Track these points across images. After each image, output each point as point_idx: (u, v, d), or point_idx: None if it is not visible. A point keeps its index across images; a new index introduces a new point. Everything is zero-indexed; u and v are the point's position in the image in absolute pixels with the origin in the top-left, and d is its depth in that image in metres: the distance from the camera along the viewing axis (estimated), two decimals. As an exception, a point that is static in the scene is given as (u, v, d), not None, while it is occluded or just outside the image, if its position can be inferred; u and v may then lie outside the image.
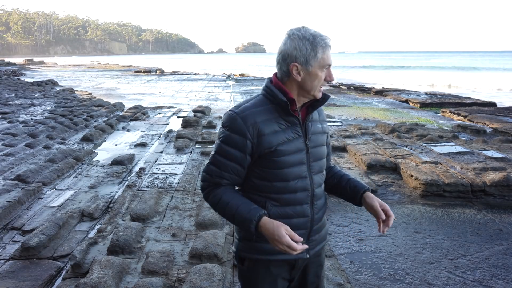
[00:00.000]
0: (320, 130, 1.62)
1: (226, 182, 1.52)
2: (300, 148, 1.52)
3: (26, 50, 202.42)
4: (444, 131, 8.30)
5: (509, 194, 4.66)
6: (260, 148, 1.46)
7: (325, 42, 1.45)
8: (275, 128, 1.47)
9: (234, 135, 1.46)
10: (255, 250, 1.56)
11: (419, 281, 3.04)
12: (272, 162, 1.48)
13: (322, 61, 1.45)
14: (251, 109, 1.48)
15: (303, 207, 1.55)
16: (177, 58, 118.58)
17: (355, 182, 1.69)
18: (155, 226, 3.79)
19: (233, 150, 1.47)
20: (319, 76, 1.47)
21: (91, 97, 15.80)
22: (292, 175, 1.51)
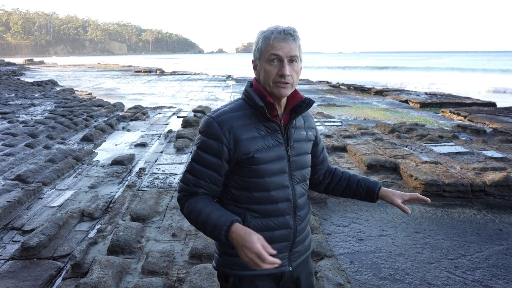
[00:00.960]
0: (303, 138, 1.52)
1: (203, 191, 1.42)
2: (281, 156, 1.43)
3: (26, 50, 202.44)
4: (444, 131, 8.30)
5: (509, 194, 4.66)
6: (237, 154, 1.37)
7: (270, 31, 1.36)
8: (254, 134, 1.39)
9: (210, 140, 1.38)
10: (236, 266, 1.45)
11: (419, 281, 3.04)
12: (251, 171, 1.39)
13: (266, 52, 1.36)
14: (228, 113, 1.40)
15: (285, 218, 1.46)
16: (177, 58, 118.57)
17: (366, 182, 1.65)
18: (155, 226, 3.79)
19: (209, 157, 1.39)
20: (266, 69, 1.37)
21: (91, 97, 15.80)
22: (273, 185, 1.42)
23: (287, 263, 1.51)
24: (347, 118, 10.82)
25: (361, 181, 1.66)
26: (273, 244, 1.42)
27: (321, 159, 1.67)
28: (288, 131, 1.45)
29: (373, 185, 1.63)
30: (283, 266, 1.49)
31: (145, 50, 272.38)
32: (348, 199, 4.69)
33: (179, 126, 9.16)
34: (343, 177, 1.69)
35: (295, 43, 1.37)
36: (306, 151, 1.54)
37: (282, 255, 1.48)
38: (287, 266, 1.51)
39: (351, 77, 31.04)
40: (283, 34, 1.35)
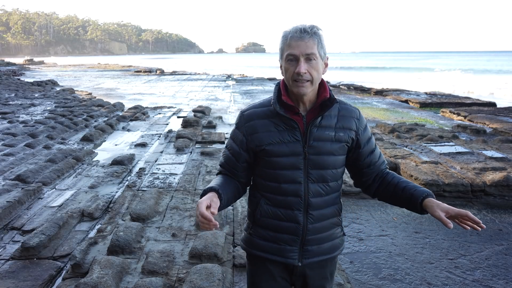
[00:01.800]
0: (328, 138, 1.49)
1: (225, 172, 1.61)
2: (296, 152, 1.47)
3: (26, 50, 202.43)
4: (444, 131, 8.30)
5: (509, 194, 4.66)
6: (252, 145, 1.51)
7: (289, 31, 1.42)
8: (270, 128, 1.48)
9: (236, 130, 1.57)
10: (250, 244, 1.61)
11: (419, 281, 3.04)
12: (265, 162, 1.51)
13: (284, 51, 1.43)
14: (254, 108, 1.55)
15: (294, 213, 1.50)
16: (177, 58, 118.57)
17: (411, 190, 1.49)
18: (155, 226, 3.79)
19: (232, 144, 1.58)
20: (285, 68, 1.44)
21: (91, 97, 15.80)
22: (284, 178, 1.49)
23: (297, 257, 1.53)
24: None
25: (407, 188, 1.51)
26: (280, 233, 1.53)
27: (367, 163, 1.59)
28: (309, 129, 1.47)
29: (417, 194, 1.47)
30: (292, 259, 1.53)
31: (145, 50, 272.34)
32: (348, 199, 4.69)
33: (179, 126, 9.16)
34: (391, 182, 1.58)
35: (313, 40, 1.39)
36: (331, 152, 1.50)
37: (290, 247, 1.53)
38: (296, 260, 1.53)
39: (349, 78, 30.98)
40: (299, 33, 1.38)
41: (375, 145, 1.63)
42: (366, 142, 1.58)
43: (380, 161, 1.63)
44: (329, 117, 1.50)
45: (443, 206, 1.41)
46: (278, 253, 1.54)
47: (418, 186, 1.52)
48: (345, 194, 4.82)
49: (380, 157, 1.63)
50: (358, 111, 1.58)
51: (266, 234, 1.55)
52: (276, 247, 1.54)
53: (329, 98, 1.48)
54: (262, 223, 1.56)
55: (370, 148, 1.59)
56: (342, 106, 1.55)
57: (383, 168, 1.64)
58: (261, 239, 1.57)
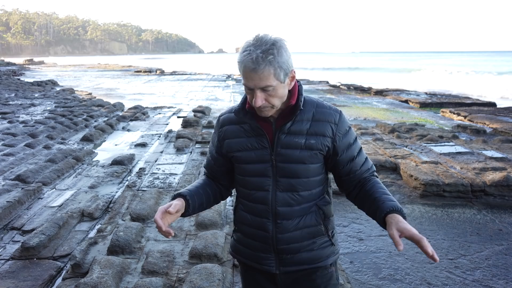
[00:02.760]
0: (298, 145, 1.39)
1: (207, 174, 1.63)
2: (263, 159, 1.42)
3: (26, 50, 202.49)
4: (444, 131, 8.30)
5: (509, 194, 4.66)
6: (224, 150, 1.52)
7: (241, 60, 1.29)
8: (239, 134, 1.47)
9: (214, 134, 1.60)
10: (234, 250, 1.61)
11: (419, 281, 3.04)
12: (236, 168, 1.52)
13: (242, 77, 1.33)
14: (228, 112, 1.54)
15: (263, 221, 1.45)
16: (177, 58, 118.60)
17: (379, 202, 1.36)
18: (155, 226, 3.78)
19: (211, 148, 1.60)
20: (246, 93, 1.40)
21: (91, 97, 15.80)
22: (251, 185, 1.47)
23: (274, 265, 1.48)
24: (347, 118, 10.79)
25: (376, 200, 1.38)
26: (254, 240, 1.51)
27: (347, 171, 1.47)
28: (276, 136, 1.40)
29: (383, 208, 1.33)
30: (269, 266, 1.49)
31: (145, 50, 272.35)
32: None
33: (179, 126, 9.16)
34: (367, 191, 1.44)
35: (268, 69, 1.27)
36: (300, 160, 1.40)
37: (265, 255, 1.50)
38: (274, 268, 1.49)
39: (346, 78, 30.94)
40: (251, 63, 1.26)
41: (358, 151, 1.48)
42: (345, 149, 1.44)
43: (363, 169, 1.48)
44: (300, 123, 1.39)
45: (400, 225, 1.23)
46: (256, 260, 1.51)
47: (389, 199, 1.36)
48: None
49: (364, 165, 1.49)
50: (339, 115, 1.44)
51: (243, 240, 1.54)
52: (253, 254, 1.52)
53: (294, 105, 1.39)
54: (240, 229, 1.56)
55: (350, 156, 1.46)
56: (318, 110, 1.42)
57: (366, 176, 1.49)
58: (241, 245, 1.56)
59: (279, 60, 1.28)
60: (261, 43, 1.27)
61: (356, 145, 1.49)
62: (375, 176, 1.52)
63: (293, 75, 1.37)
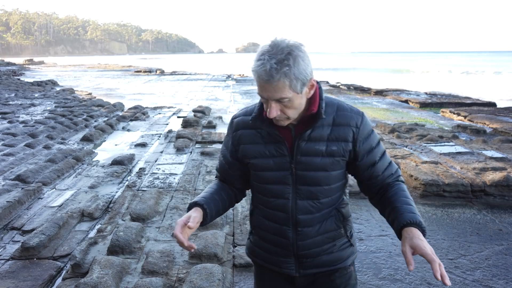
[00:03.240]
0: (318, 152, 1.34)
1: (221, 177, 1.57)
2: (283, 167, 1.37)
3: (26, 50, 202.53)
4: (444, 131, 8.30)
5: (509, 194, 4.66)
6: (240, 155, 1.45)
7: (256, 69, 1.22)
8: (256, 140, 1.39)
9: (227, 137, 1.52)
10: (251, 252, 1.58)
11: (419, 281, 3.04)
12: (253, 175, 1.45)
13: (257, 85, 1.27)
14: (242, 115, 1.45)
15: (283, 228, 1.42)
16: (177, 58, 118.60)
17: (398, 213, 1.31)
18: (155, 226, 3.79)
19: (225, 150, 1.52)
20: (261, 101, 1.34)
21: (91, 97, 15.80)
22: (270, 193, 1.41)
23: (294, 268, 1.46)
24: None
25: (396, 209, 1.33)
26: (273, 246, 1.47)
27: (367, 176, 1.42)
28: (296, 143, 1.34)
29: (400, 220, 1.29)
30: (289, 270, 1.46)
31: (145, 50, 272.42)
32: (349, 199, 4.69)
33: (179, 126, 9.16)
34: (387, 198, 1.40)
35: (282, 81, 1.20)
36: (322, 168, 1.35)
37: (285, 259, 1.46)
38: (293, 271, 1.46)
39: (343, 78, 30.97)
40: (264, 75, 1.20)
41: (381, 156, 1.42)
42: (366, 153, 1.39)
43: (385, 174, 1.42)
44: (321, 128, 1.34)
45: (414, 241, 1.20)
46: (275, 263, 1.49)
47: (409, 210, 1.31)
48: (345, 194, 4.82)
49: (387, 170, 1.43)
50: (361, 118, 1.37)
51: (262, 244, 1.51)
52: (272, 258, 1.49)
53: (315, 113, 1.32)
54: (258, 233, 1.52)
55: (371, 160, 1.40)
56: (339, 113, 1.36)
57: (389, 181, 1.43)
58: (259, 248, 1.53)
59: (295, 71, 1.20)
60: (276, 51, 1.19)
61: (379, 149, 1.42)
62: (400, 181, 1.45)
63: (312, 83, 1.29)
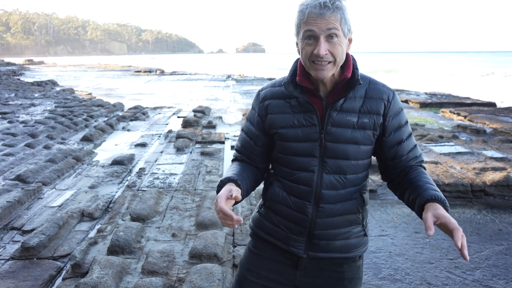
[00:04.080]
0: (350, 124, 1.30)
1: (241, 158, 1.49)
2: (311, 138, 1.32)
3: (26, 50, 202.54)
4: (444, 131, 8.30)
5: (509, 194, 4.66)
6: (266, 126, 1.40)
7: (306, 4, 1.21)
8: (285, 110, 1.35)
9: (252, 110, 1.47)
10: (258, 225, 1.51)
11: (419, 281, 3.04)
12: (278, 145, 1.39)
13: (301, 28, 1.23)
14: (270, 87, 1.43)
15: (303, 203, 1.36)
16: (177, 58, 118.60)
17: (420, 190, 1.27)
18: (155, 226, 3.79)
19: (249, 125, 1.47)
20: (302, 48, 1.26)
21: (91, 97, 15.80)
22: (295, 165, 1.35)
23: (303, 248, 1.40)
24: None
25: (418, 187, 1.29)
26: (287, 221, 1.42)
27: (392, 154, 1.38)
28: (327, 113, 1.30)
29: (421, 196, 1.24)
30: (297, 249, 1.40)
31: (145, 50, 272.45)
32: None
33: (179, 126, 9.16)
34: (409, 178, 1.36)
35: (335, 15, 1.19)
36: (352, 140, 1.31)
37: (296, 237, 1.40)
38: (302, 251, 1.40)
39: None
40: (318, 8, 1.18)
41: (408, 136, 1.39)
42: (395, 130, 1.35)
43: (410, 155, 1.39)
44: (353, 99, 1.31)
45: (438, 211, 1.15)
46: (283, 240, 1.42)
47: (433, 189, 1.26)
48: (345, 194, 4.82)
49: (412, 152, 1.39)
50: (392, 93, 1.35)
51: (274, 217, 1.44)
52: (282, 233, 1.42)
53: (350, 79, 1.29)
54: (271, 206, 1.45)
55: (398, 138, 1.37)
56: (371, 86, 1.34)
57: (412, 164, 1.40)
58: (268, 222, 1.46)
59: (345, 12, 1.22)
60: None
61: (407, 128, 1.40)
62: (423, 166, 1.43)
63: (351, 37, 1.29)
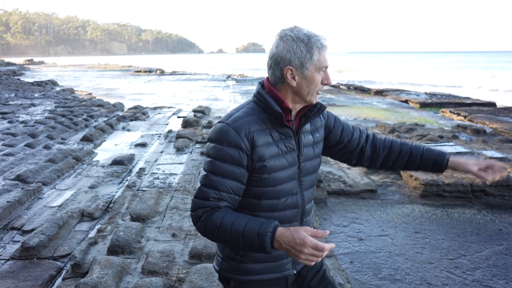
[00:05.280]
0: (311, 142, 1.48)
1: (226, 204, 1.32)
2: (293, 162, 1.40)
3: (26, 50, 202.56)
4: (444, 131, 8.30)
5: (509, 194, 4.66)
6: (253, 161, 1.32)
7: (321, 43, 1.33)
8: (268, 140, 1.34)
9: (228, 148, 1.30)
10: (239, 271, 1.44)
11: (419, 281, 3.04)
12: (263, 180, 1.35)
13: (319, 63, 1.33)
14: (243, 118, 1.33)
15: (292, 225, 1.42)
16: (177, 58, 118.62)
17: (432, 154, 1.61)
18: (155, 226, 3.79)
19: (229, 166, 1.30)
20: (316, 79, 1.34)
21: (91, 97, 15.80)
22: (283, 192, 1.39)
23: (291, 267, 1.48)
24: (347, 118, 10.82)
25: (426, 154, 1.61)
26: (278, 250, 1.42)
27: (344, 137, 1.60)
28: (299, 137, 1.43)
29: (440, 158, 1.60)
30: (288, 270, 1.48)
31: (145, 50, 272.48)
32: (348, 199, 4.69)
33: (179, 126, 9.16)
34: (402, 150, 1.62)
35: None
36: (316, 155, 1.50)
37: (286, 260, 1.46)
38: (291, 269, 1.49)
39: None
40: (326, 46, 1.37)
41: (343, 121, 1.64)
42: (334, 122, 1.59)
43: (356, 128, 1.64)
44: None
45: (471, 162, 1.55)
46: (274, 270, 1.45)
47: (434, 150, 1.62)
48: (345, 194, 4.82)
49: (356, 127, 1.64)
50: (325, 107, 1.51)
51: (259, 256, 1.41)
52: (274, 265, 1.45)
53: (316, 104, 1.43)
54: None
55: (340, 124, 1.60)
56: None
57: (369, 134, 1.65)
58: (255, 263, 1.43)
59: None
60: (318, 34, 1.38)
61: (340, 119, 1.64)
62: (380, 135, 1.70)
63: None
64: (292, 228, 1.20)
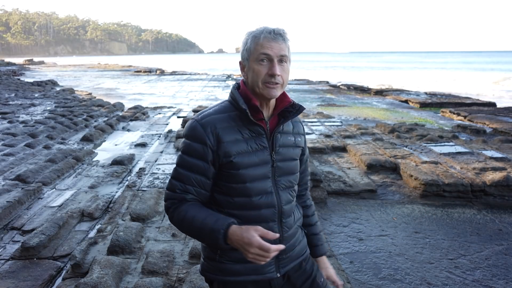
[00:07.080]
0: (291, 143, 1.47)
1: (192, 197, 1.37)
2: (264, 160, 1.39)
3: (26, 50, 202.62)
4: (444, 131, 8.30)
5: (509, 194, 4.66)
6: (219, 156, 1.34)
7: (260, 31, 1.33)
8: (236, 137, 1.35)
9: (194, 143, 1.35)
10: (219, 271, 1.44)
11: (419, 281, 3.04)
12: (232, 176, 1.36)
13: (255, 51, 1.33)
14: (211, 115, 1.37)
15: (270, 225, 1.40)
16: (177, 58, 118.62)
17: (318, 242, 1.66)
18: (155, 226, 3.79)
19: (195, 160, 1.35)
20: (255, 69, 1.33)
21: (91, 97, 15.80)
22: (255, 191, 1.38)
23: (274, 270, 1.45)
24: (347, 118, 10.82)
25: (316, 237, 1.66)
26: None
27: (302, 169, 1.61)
28: (274, 136, 1.41)
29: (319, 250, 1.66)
30: (270, 273, 1.45)
31: (145, 50, 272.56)
32: (348, 199, 4.70)
33: (179, 126, 9.16)
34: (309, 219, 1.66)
35: (285, 43, 1.35)
36: (293, 157, 1.49)
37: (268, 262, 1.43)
38: (274, 272, 1.45)
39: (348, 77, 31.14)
40: (273, 34, 1.33)
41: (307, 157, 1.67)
42: (306, 148, 1.60)
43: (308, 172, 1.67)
44: (287, 123, 1.48)
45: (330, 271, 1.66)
46: (256, 272, 1.43)
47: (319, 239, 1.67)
48: (345, 194, 4.82)
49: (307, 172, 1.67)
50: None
51: (239, 256, 1.33)
52: (254, 266, 1.40)
53: (292, 104, 1.43)
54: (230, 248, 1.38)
55: (307, 156, 1.63)
56: None
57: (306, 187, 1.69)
58: (234, 263, 1.41)
59: (289, 43, 1.38)
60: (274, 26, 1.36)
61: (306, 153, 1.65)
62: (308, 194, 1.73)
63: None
64: (244, 227, 1.24)
